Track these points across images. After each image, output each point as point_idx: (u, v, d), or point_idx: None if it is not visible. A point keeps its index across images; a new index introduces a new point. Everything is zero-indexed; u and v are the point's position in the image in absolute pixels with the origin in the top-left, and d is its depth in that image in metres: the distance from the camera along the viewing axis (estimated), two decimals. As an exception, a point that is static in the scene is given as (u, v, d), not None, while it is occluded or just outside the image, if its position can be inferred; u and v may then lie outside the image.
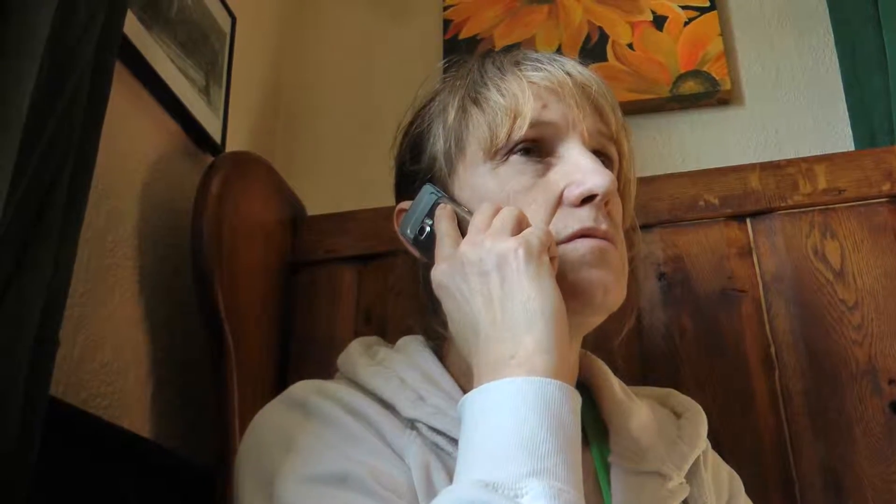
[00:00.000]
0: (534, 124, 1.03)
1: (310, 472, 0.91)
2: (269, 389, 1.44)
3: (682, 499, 1.08)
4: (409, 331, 1.17)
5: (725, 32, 2.06)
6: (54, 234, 0.86)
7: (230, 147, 1.65)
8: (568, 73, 1.08)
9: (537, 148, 1.05)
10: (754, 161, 1.65)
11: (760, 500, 1.28)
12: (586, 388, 1.15)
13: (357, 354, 1.11)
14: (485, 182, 1.05)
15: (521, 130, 1.03)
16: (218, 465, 1.28)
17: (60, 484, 1.04)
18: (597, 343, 1.19)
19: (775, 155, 1.89)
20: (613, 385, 1.16)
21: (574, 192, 1.00)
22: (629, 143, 1.14)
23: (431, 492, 0.93)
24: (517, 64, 1.10)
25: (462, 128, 1.08)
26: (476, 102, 1.08)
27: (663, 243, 1.60)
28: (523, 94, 1.04)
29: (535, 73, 1.07)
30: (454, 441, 0.97)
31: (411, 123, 1.18)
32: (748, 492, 1.25)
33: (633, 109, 1.94)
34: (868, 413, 1.43)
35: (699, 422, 1.18)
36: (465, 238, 0.98)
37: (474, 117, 1.07)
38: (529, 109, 1.03)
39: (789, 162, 1.62)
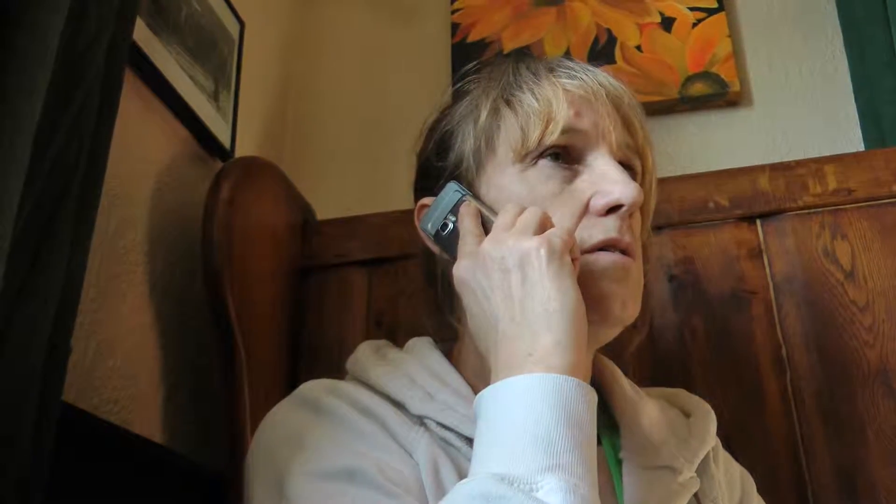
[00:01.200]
0: (565, 131, 1.05)
1: (318, 468, 0.93)
2: (280, 393, 1.43)
3: (693, 493, 1.10)
4: (419, 332, 1.18)
5: (734, 34, 2.06)
6: (66, 240, 0.87)
7: (239, 152, 1.66)
8: (601, 84, 1.10)
9: (566, 154, 1.06)
10: (764, 162, 1.65)
11: (773, 501, 1.28)
12: (597, 388, 1.16)
13: (366, 356, 1.13)
14: (512, 184, 1.06)
15: (553, 136, 1.04)
16: (230, 468, 1.28)
17: (73, 488, 1.04)
18: (608, 353, 1.20)
19: (785, 156, 1.89)
20: (624, 384, 1.18)
21: (601, 202, 1.02)
22: (653, 158, 1.16)
23: (440, 487, 0.95)
24: (552, 70, 1.11)
25: (493, 128, 1.09)
26: (509, 104, 1.09)
27: (673, 245, 1.60)
28: (557, 100, 1.06)
29: (569, 81, 1.09)
30: (463, 437, 0.99)
31: (438, 120, 1.19)
32: (761, 494, 1.25)
33: (641, 111, 1.94)
34: (881, 414, 1.43)
35: (708, 419, 1.19)
36: (489, 236, 0.99)
37: (507, 119, 1.09)
38: (563, 116, 1.05)
39: (799, 163, 1.62)
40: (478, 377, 1.05)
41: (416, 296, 1.52)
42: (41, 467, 0.82)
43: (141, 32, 1.30)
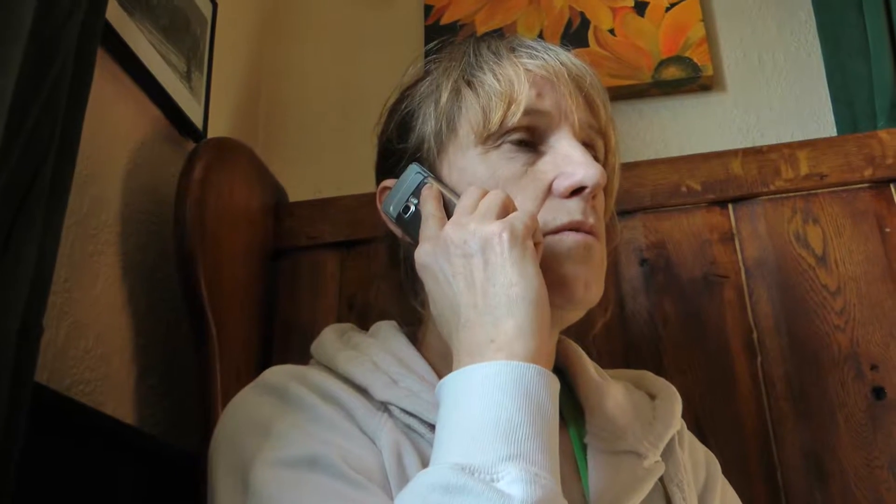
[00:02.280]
0: (528, 112, 1.03)
1: (280, 456, 0.91)
2: (251, 375, 1.42)
3: (658, 476, 1.09)
4: (392, 315, 1.17)
5: (707, 18, 2.06)
6: (38, 220, 0.86)
7: (212, 133, 1.65)
8: (563, 64, 1.08)
9: (529, 136, 1.05)
10: (736, 147, 1.66)
11: (743, 485, 1.29)
12: (561, 372, 1.16)
13: (330, 341, 1.11)
14: (474, 166, 1.05)
15: (515, 117, 1.03)
16: (201, 450, 1.28)
17: (45, 469, 1.04)
18: (573, 333, 1.20)
19: (757, 140, 1.90)
20: (588, 368, 1.17)
21: (564, 184, 1.01)
22: (616, 139, 1.15)
23: (402, 474, 0.94)
24: (513, 50, 1.09)
25: (454, 110, 1.08)
26: (470, 85, 1.08)
27: (645, 229, 1.61)
28: (519, 80, 1.04)
29: (531, 61, 1.07)
30: (426, 423, 0.98)
31: (399, 102, 1.18)
32: (730, 477, 1.25)
33: (614, 95, 1.92)
34: (850, 399, 1.44)
35: (673, 401, 1.19)
36: (451, 220, 0.98)
37: (468, 100, 1.07)
38: (524, 97, 1.03)
39: (771, 147, 1.62)
40: (442, 362, 1.04)
41: (387, 278, 1.53)
42: (13, 448, 0.82)
43: (113, 12, 1.29)
